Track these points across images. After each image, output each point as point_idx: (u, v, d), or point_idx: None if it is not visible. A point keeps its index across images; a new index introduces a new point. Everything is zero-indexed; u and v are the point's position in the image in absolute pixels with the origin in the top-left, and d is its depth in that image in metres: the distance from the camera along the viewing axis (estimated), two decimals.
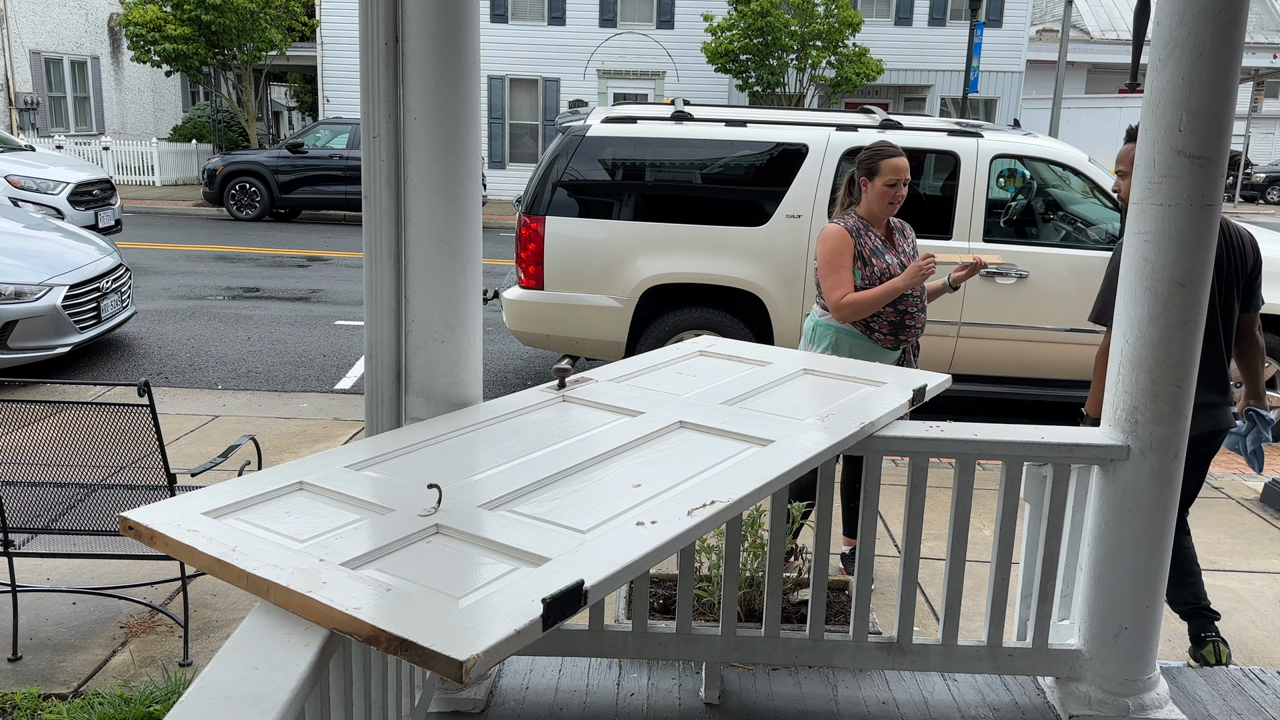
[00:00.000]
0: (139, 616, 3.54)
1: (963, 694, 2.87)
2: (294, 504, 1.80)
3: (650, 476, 1.97)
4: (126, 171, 20.97)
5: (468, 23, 2.33)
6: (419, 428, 2.24)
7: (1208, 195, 2.40)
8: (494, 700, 2.76)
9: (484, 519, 1.74)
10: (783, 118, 6.21)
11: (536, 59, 21.31)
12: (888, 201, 3.63)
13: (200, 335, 8.20)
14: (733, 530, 2.70)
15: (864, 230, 3.65)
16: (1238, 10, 2.31)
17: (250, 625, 1.49)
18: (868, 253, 3.62)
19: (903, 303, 3.64)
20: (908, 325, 3.67)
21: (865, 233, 3.65)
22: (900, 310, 3.64)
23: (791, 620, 3.17)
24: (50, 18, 22.13)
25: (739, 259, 5.92)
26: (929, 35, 21.53)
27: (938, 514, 4.32)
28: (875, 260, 3.62)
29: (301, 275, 11.40)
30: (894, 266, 3.63)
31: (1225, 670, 3.08)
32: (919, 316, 3.70)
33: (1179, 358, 2.49)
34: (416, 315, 2.43)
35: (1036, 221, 6.54)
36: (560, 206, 5.95)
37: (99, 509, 3.30)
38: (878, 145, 3.67)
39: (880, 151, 3.63)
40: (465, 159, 2.39)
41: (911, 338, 3.71)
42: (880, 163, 3.61)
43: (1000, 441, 2.63)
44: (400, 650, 1.35)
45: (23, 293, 6.51)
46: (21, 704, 2.94)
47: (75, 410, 3.18)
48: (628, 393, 2.54)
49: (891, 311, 3.63)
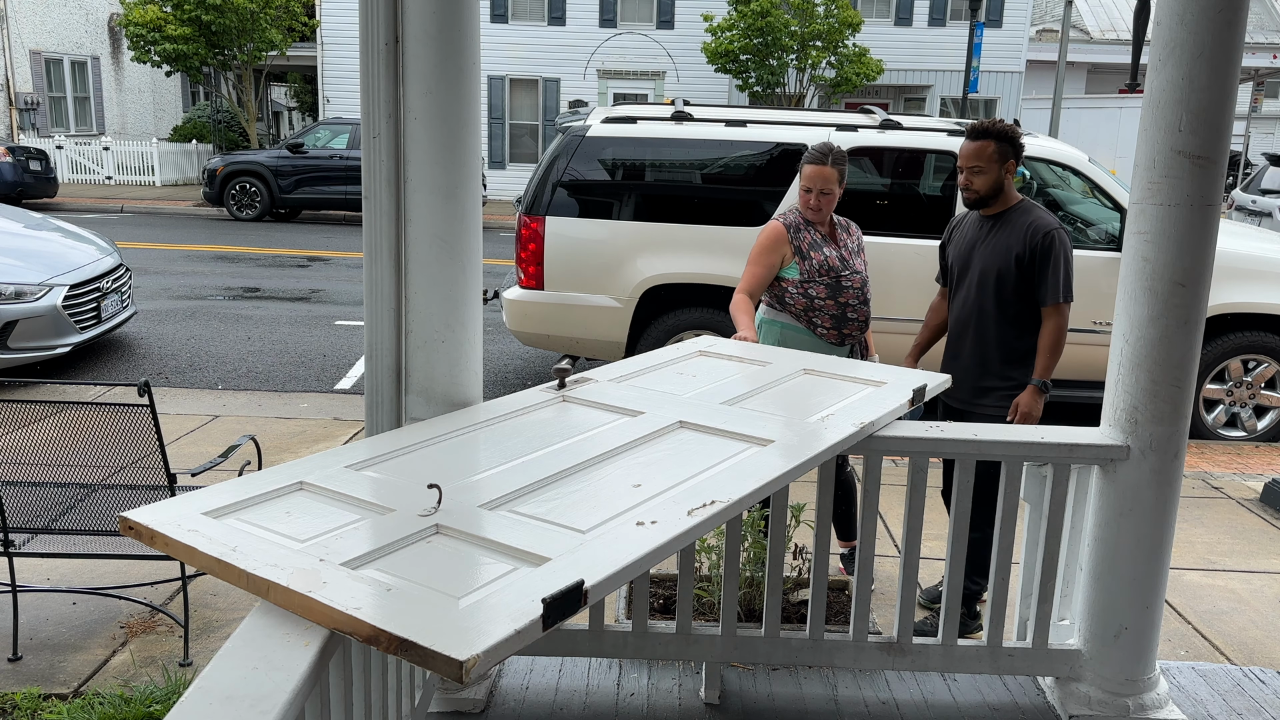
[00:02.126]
0: (139, 616, 3.54)
1: (963, 694, 2.87)
2: (294, 504, 1.80)
3: (650, 476, 1.97)
4: (126, 171, 20.96)
5: (468, 23, 2.33)
6: (419, 428, 2.24)
7: (1208, 195, 2.40)
8: (494, 700, 2.76)
9: (484, 519, 1.74)
10: (782, 118, 6.21)
11: (536, 59, 21.30)
12: (805, 206, 3.58)
13: (200, 335, 8.20)
14: (733, 530, 2.70)
15: (803, 226, 3.61)
16: (1238, 10, 2.31)
17: (250, 625, 1.49)
18: (806, 246, 3.58)
19: (842, 295, 3.59)
20: (849, 319, 3.62)
21: (805, 228, 3.61)
22: (840, 303, 3.60)
23: (791, 620, 3.17)
24: (50, 18, 22.13)
25: (739, 259, 5.90)
26: (929, 35, 21.52)
27: (938, 514, 4.31)
28: (813, 253, 3.58)
29: (301, 275, 11.40)
30: (833, 259, 3.58)
31: (1225, 670, 3.08)
32: (861, 310, 3.65)
33: (1179, 358, 2.49)
34: (416, 315, 2.43)
35: None
36: (560, 206, 5.95)
37: (99, 509, 3.30)
38: (811, 147, 3.59)
39: (807, 155, 3.56)
40: (465, 159, 2.39)
41: (854, 331, 3.66)
42: (802, 167, 3.56)
43: (1000, 441, 2.63)
44: (400, 650, 1.36)
45: (23, 293, 6.51)
46: (21, 704, 2.94)
47: (75, 410, 3.18)
48: (628, 393, 2.54)
49: (833, 304, 3.59)
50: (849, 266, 3.63)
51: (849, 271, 3.62)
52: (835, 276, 3.59)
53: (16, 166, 16.16)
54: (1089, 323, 5.87)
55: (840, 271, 3.60)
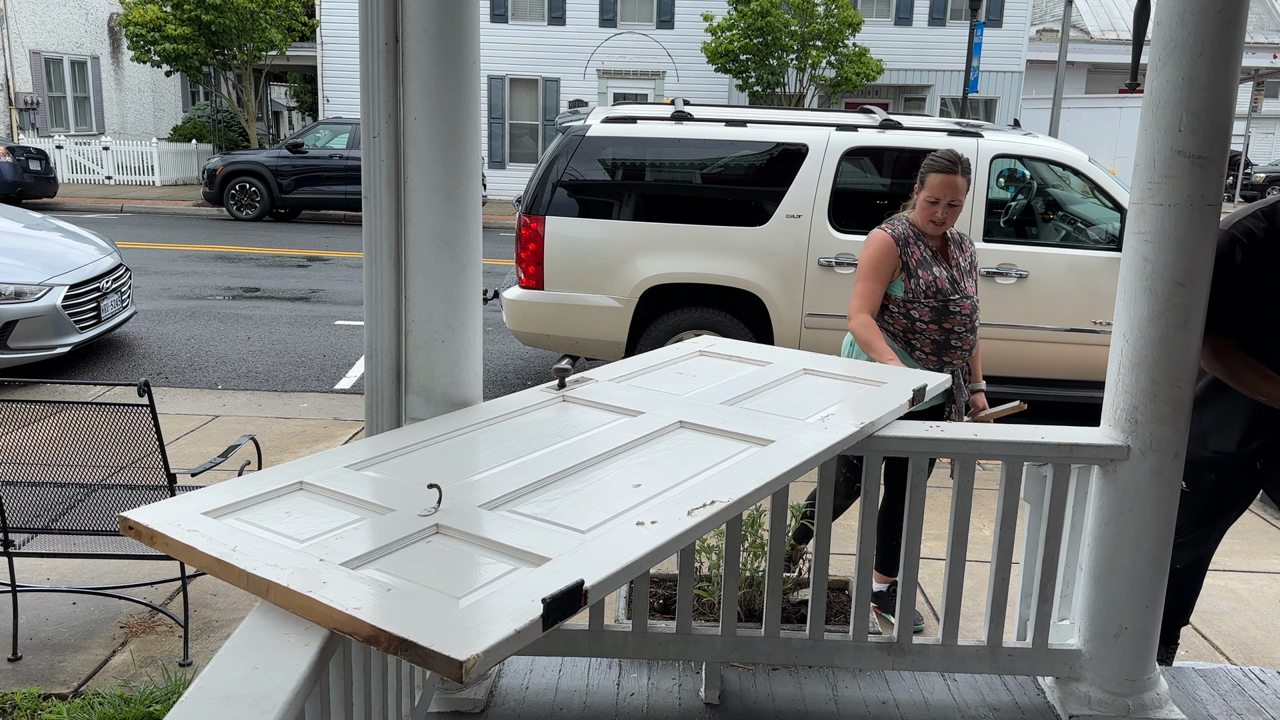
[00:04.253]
0: (139, 616, 3.54)
1: (963, 694, 2.87)
2: (294, 504, 1.80)
3: (650, 476, 1.97)
4: (126, 171, 20.96)
5: (468, 23, 2.33)
6: (419, 428, 2.24)
7: (1208, 195, 2.40)
8: (494, 700, 2.76)
9: (484, 519, 1.74)
10: (783, 118, 6.21)
11: (536, 59, 21.31)
12: (928, 219, 3.34)
13: (200, 335, 8.20)
14: (733, 530, 2.70)
15: (913, 239, 3.36)
16: (1238, 10, 2.31)
17: (250, 625, 1.49)
18: (914, 263, 3.34)
19: (949, 320, 3.34)
20: (953, 346, 3.37)
21: (914, 241, 3.36)
22: (945, 329, 3.35)
23: (791, 620, 3.17)
24: (50, 18, 22.13)
25: (739, 259, 5.91)
26: (929, 35, 21.53)
27: (938, 514, 4.31)
28: (922, 272, 3.33)
29: (301, 275, 11.40)
30: (942, 279, 3.33)
31: (1225, 670, 3.08)
32: (966, 338, 3.40)
33: (1179, 358, 2.49)
34: (416, 315, 2.43)
35: (1036, 221, 6.53)
36: (560, 206, 5.95)
37: (99, 509, 3.30)
38: (936, 155, 3.34)
39: (932, 163, 3.31)
40: (465, 159, 2.39)
41: (957, 359, 3.41)
42: (927, 175, 3.31)
43: (1000, 441, 2.63)
44: (400, 650, 1.35)
45: (23, 293, 6.50)
46: (21, 704, 2.94)
47: (75, 410, 3.18)
48: (628, 393, 2.54)
49: (936, 329, 3.34)
50: (959, 290, 3.37)
51: (959, 296, 3.36)
52: (944, 300, 3.33)
53: (16, 166, 16.16)
54: (1089, 323, 5.87)
55: (949, 295, 3.34)
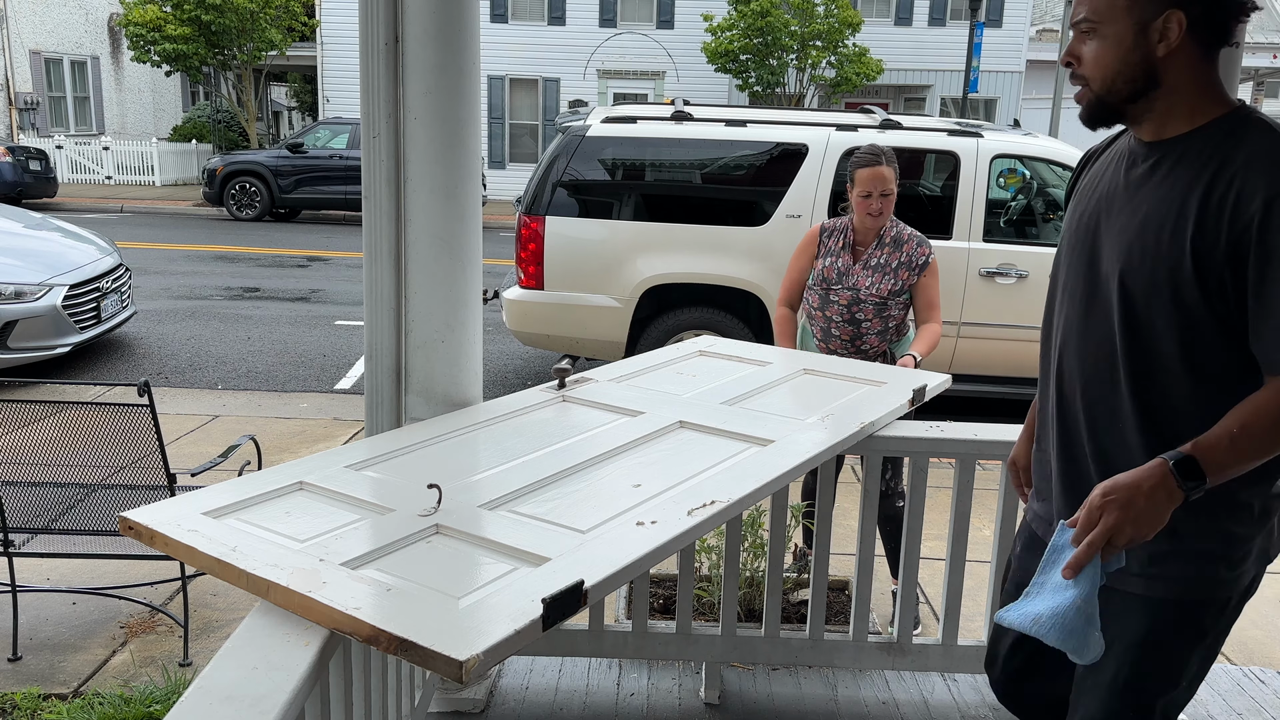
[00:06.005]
0: (139, 616, 3.54)
1: (963, 694, 2.87)
2: (294, 504, 1.80)
3: (650, 476, 1.97)
4: (126, 171, 20.95)
5: (468, 23, 2.33)
6: (419, 428, 2.24)
7: None
8: (494, 700, 2.76)
9: (484, 519, 1.74)
10: (782, 118, 6.21)
11: (536, 59, 21.30)
12: (865, 212, 3.43)
13: (200, 335, 8.19)
14: (733, 530, 2.70)
15: (839, 230, 3.54)
16: None
17: (250, 625, 1.49)
18: (823, 251, 3.53)
19: (828, 309, 3.48)
20: (833, 335, 3.51)
21: (838, 233, 3.53)
22: (827, 316, 3.50)
23: (791, 620, 3.17)
24: (50, 18, 22.12)
25: (739, 259, 5.91)
26: (929, 35, 21.52)
27: (938, 514, 4.31)
28: (822, 260, 3.51)
29: (301, 275, 11.40)
30: (830, 269, 3.47)
31: (1225, 670, 3.08)
32: (845, 328, 3.48)
33: None
34: (416, 315, 2.43)
35: (1036, 221, 6.53)
36: (560, 206, 5.95)
37: (99, 509, 3.30)
38: (859, 151, 3.46)
39: (858, 160, 3.43)
40: (465, 159, 2.39)
41: (838, 349, 3.52)
42: (854, 172, 3.43)
43: (1000, 441, 2.63)
44: (400, 650, 1.35)
45: (23, 293, 6.50)
46: (21, 704, 2.94)
47: (75, 410, 3.18)
48: (628, 393, 2.54)
49: (821, 316, 3.52)
50: (843, 282, 3.46)
51: (840, 287, 3.46)
52: (826, 288, 3.48)
53: (16, 166, 16.15)
54: None
55: (832, 284, 3.47)
